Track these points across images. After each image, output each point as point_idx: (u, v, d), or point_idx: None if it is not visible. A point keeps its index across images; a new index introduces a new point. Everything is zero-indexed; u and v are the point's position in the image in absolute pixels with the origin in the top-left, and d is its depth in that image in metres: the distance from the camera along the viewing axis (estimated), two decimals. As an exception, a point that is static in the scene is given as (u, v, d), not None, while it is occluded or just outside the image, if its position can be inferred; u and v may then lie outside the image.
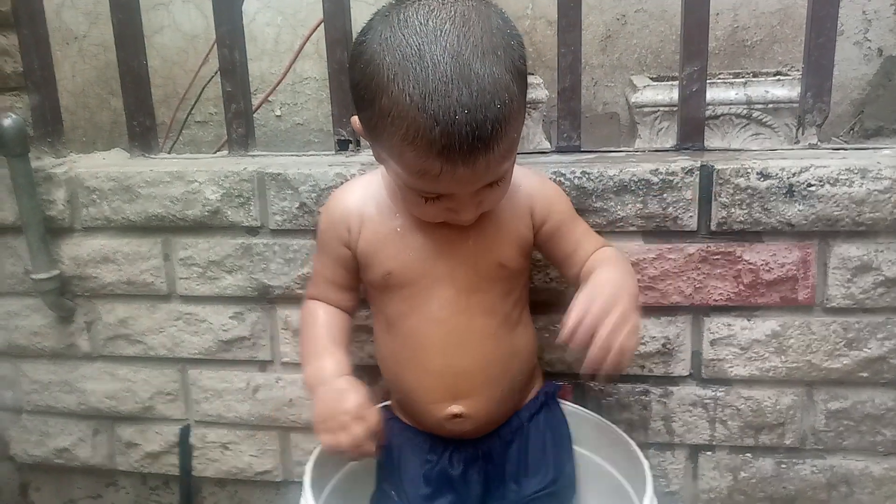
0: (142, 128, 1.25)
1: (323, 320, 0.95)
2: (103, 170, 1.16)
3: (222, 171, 1.12)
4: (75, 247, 1.19)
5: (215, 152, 1.37)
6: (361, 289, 0.98)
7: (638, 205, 1.02)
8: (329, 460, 0.97)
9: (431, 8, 0.73)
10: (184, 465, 1.23)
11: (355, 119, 0.83)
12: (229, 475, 1.23)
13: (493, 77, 0.71)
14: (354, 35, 1.12)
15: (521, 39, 0.78)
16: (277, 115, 2.37)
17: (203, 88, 1.99)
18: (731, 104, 1.71)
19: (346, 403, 0.85)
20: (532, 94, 1.91)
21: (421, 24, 0.72)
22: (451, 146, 0.71)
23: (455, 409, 0.90)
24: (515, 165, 0.89)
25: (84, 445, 1.27)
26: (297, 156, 1.21)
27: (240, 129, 1.22)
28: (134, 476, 1.29)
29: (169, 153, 1.48)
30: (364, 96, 0.76)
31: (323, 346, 0.93)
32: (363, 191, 0.93)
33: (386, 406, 1.01)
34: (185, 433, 1.22)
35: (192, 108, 2.04)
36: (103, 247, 1.18)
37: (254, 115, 1.29)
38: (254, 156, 1.22)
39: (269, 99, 2.20)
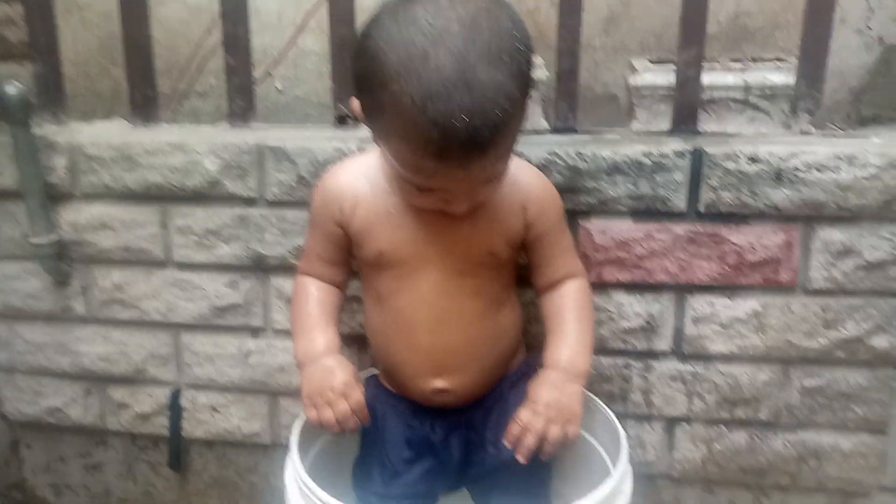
0: (144, 98, 1.26)
1: (315, 296, 0.97)
2: (104, 139, 1.18)
3: (222, 143, 1.14)
4: (74, 213, 1.21)
5: (216, 124, 1.38)
6: (353, 263, 1.00)
7: (629, 185, 1.04)
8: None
9: (440, 6, 0.72)
10: (174, 426, 1.26)
11: (355, 101, 0.83)
12: (218, 437, 1.26)
13: (496, 83, 0.71)
14: (356, 10, 1.14)
15: (529, 41, 0.77)
16: (278, 89, 2.37)
17: (205, 60, 1.99)
18: (728, 89, 1.72)
19: (332, 381, 0.89)
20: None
21: (428, 23, 0.71)
22: (448, 149, 0.72)
23: (440, 383, 0.93)
24: (515, 158, 0.90)
25: (76, 405, 1.30)
26: (296, 129, 1.23)
27: (241, 103, 1.24)
28: (124, 436, 1.32)
29: (169, 124, 1.50)
30: (366, 89, 0.77)
31: (314, 323, 0.95)
32: (358, 170, 0.94)
33: (373, 375, 1.04)
34: (175, 396, 1.25)
35: (194, 80, 2.04)
36: (102, 214, 1.20)
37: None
38: (254, 128, 1.23)
39: (270, 72, 2.21)
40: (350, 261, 0.99)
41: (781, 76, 1.74)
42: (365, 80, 0.76)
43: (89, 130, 1.25)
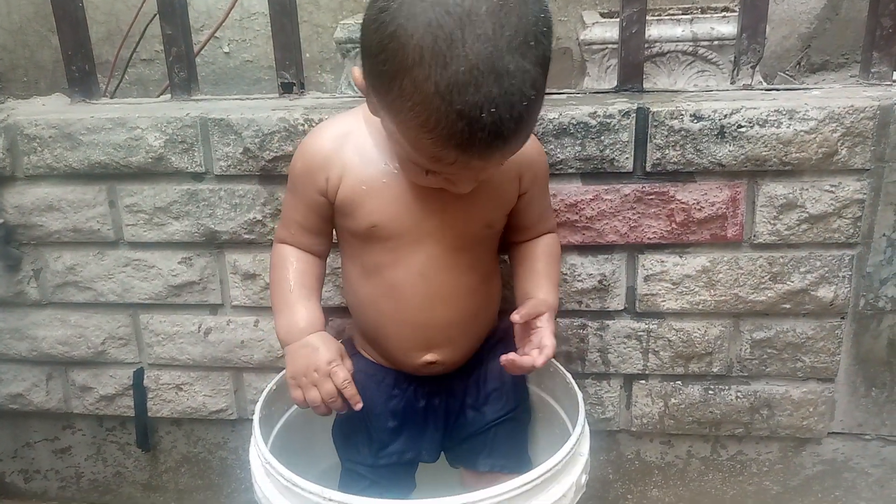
0: (81, 73, 1.23)
1: (295, 267, 0.92)
2: (43, 117, 1.14)
3: (165, 117, 1.11)
4: (19, 195, 1.18)
5: (158, 96, 1.35)
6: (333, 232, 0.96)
7: (577, 147, 1.04)
8: (280, 398, 1.01)
9: None
10: (139, 407, 1.26)
11: (358, 72, 0.76)
12: (185, 415, 1.27)
13: (524, 72, 0.67)
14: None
15: (551, 23, 0.72)
16: (226, 52, 2.32)
17: (147, 25, 1.93)
18: (677, 41, 1.72)
19: (317, 360, 0.86)
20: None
21: (456, 3, 0.65)
22: (472, 141, 0.68)
23: (430, 357, 0.92)
24: None
25: (38, 390, 1.29)
26: (240, 100, 1.21)
27: (181, 73, 1.21)
28: (90, 418, 1.32)
29: (114, 93, 1.46)
30: (382, 71, 0.70)
31: (295, 298, 0.91)
32: (343, 134, 0.87)
33: (348, 340, 1.02)
34: (138, 376, 1.25)
35: (136, 47, 1.98)
36: (47, 195, 1.17)
37: (202, 52, 1.26)
38: (197, 100, 1.21)
39: (217, 35, 2.15)
40: (332, 230, 0.94)
41: (729, 27, 1.75)
42: (380, 61, 0.69)
43: (27, 109, 1.21)
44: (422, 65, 0.65)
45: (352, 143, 0.87)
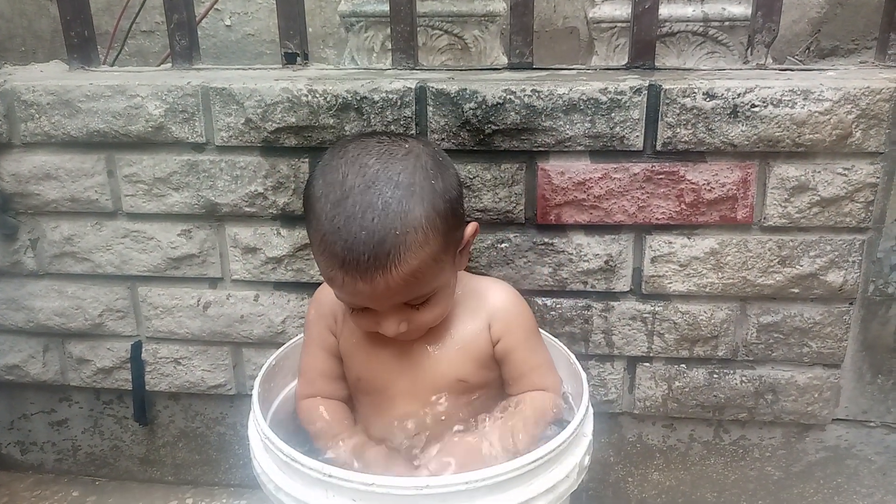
0: (80, 39, 1.20)
1: (325, 408, 0.96)
2: (41, 83, 1.12)
3: (165, 86, 1.09)
4: (15, 163, 1.16)
5: (159, 65, 1.33)
6: None
7: (586, 124, 1.02)
8: (279, 374, 1.00)
9: (368, 146, 0.83)
10: (137, 380, 1.25)
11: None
12: (183, 389, 1.25)
13: (401, 207, 0.78)
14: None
15: (452, 182, 0.84)
16: (227, 25, 2.28)
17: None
18: (687, 21, 1.70)
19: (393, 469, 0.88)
20: (490, 7, 1.88)
21: (353, 157, 0.82)
22: (350, 261, 0.78)
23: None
24: (483, 277, 0.98)
25: (35, 362, 1.28)
26: (242, 69, 1.18)
27: (183, 41, 1.18)
28: (87, 391, 1.31)
29: (113, 64, 1.44)
30: (305, 212, 0.86)
31: (339, 428, 0.94)
32: None
33: None
34: (136, 349, 1.23)
35: (136, 17, 1.95)
36: (45, 163, 1.15)
37: (202, 25, 1.24)
38: (198, 69, 1.19)
39: (217, 7, 2.11)
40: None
41: (740, 7, 1.72)
42: (304, 204, 0.86)
43: (24, 74, 1.19)
44: (320, 198, 0.81)
45: None
